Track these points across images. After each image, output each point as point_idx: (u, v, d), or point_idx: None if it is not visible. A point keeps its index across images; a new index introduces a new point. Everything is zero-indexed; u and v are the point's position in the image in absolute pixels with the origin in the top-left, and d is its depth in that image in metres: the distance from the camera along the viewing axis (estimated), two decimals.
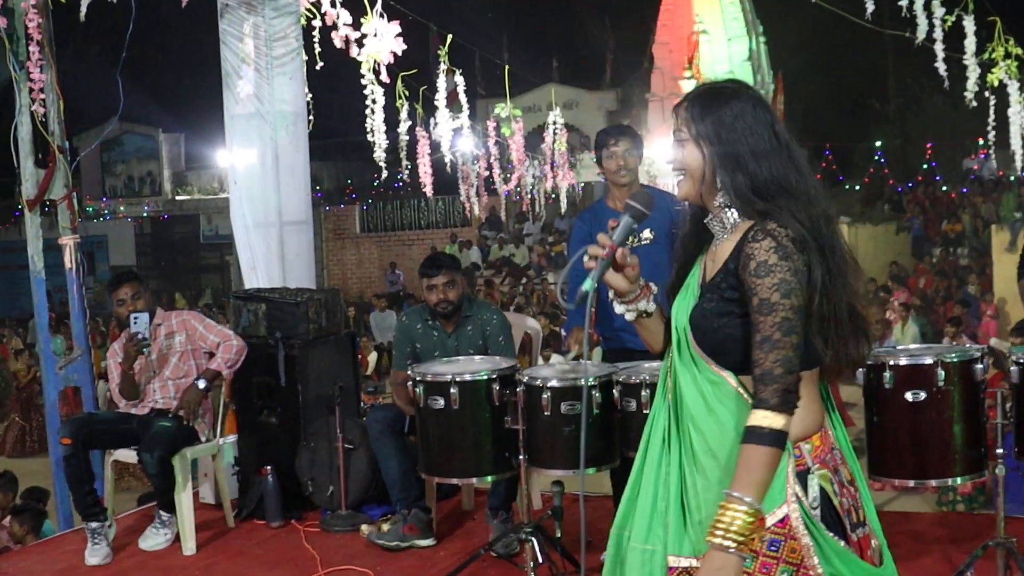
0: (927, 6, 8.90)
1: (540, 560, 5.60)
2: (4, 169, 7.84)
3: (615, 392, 5.49)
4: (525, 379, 5.55)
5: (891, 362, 4.98)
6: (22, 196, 8.01)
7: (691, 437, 3.03)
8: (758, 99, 3.08)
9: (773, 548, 2.91)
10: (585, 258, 3.08)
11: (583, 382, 3.49)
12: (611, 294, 3.22)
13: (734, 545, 2.79)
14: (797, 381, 2.89)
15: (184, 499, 6.86)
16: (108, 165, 36.05)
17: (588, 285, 3.02)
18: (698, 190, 3.10)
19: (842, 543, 2.99)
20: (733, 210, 3.05)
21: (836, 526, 3.00)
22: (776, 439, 2.85)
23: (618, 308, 3.26)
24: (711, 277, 3.08)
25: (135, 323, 6.91)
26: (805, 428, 3.00)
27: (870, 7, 8.40)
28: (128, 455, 7.11)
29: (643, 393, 5.37)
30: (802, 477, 2.96)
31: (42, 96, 7.78)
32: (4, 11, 7.46)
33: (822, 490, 2.99)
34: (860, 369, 5.11)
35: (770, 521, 2.88)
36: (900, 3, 8.42)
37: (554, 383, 5.46)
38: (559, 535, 5.71)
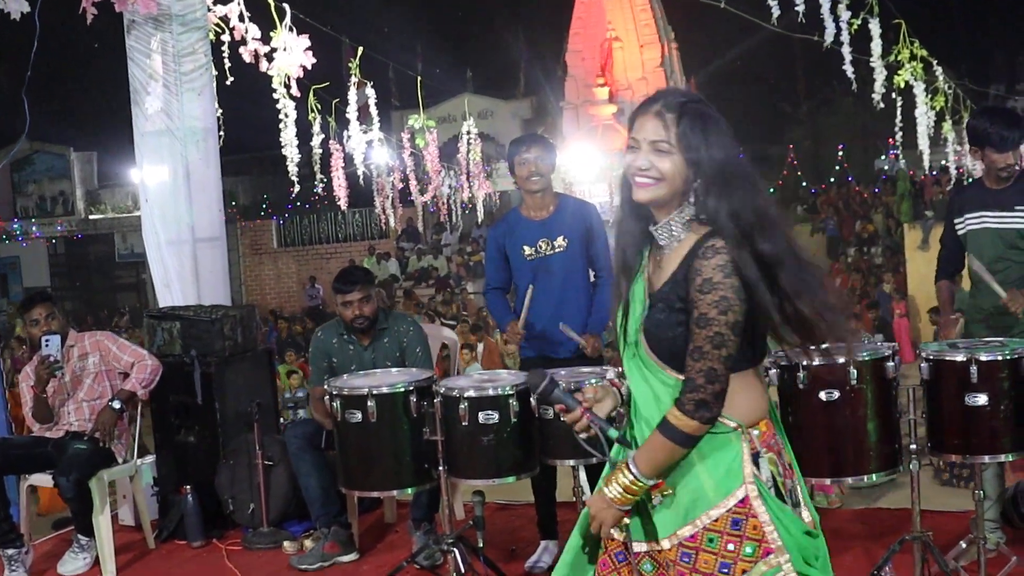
0: (833, 9, 9.03)
1: (463, 570, 5.59)
2: None
3: (532, 400, 5.50)
4: (442, 390, 5.55)
5: (804, 362, 5.04)
6: None
7: (645, 433, 3.18)
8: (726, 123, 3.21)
9: (736, 527, 3.10)
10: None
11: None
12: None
13: (615, 497, 3.13)
14: (719, 391, 3.06)
15: (102, 522, 6.76)
16: (19, 185, 35.61)
17: (613, 434, 3.21)
18: (669, 199, 3.17)
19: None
20: (681, 223, 3.17)
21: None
22: (684, 440, 3.08)
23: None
24: (659, 286, 3.18)
25: (47, 345, 6.80)
26: (753, 415, 3.18)
27: (776, 12, 8.50)
28: (44, 479, 7.00)
29: None
30: (754, 459, 3.15)
31: None
32: None
33: (771, 471, 3.19)
34: (773, 370, 5.19)
35: (731, 503, 3.10)
36: (797, 7, 8.51)
37: (471, 393, 5.46)
38: (481, 544, 5.70)
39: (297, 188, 10.16)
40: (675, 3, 24.95)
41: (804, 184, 33.30)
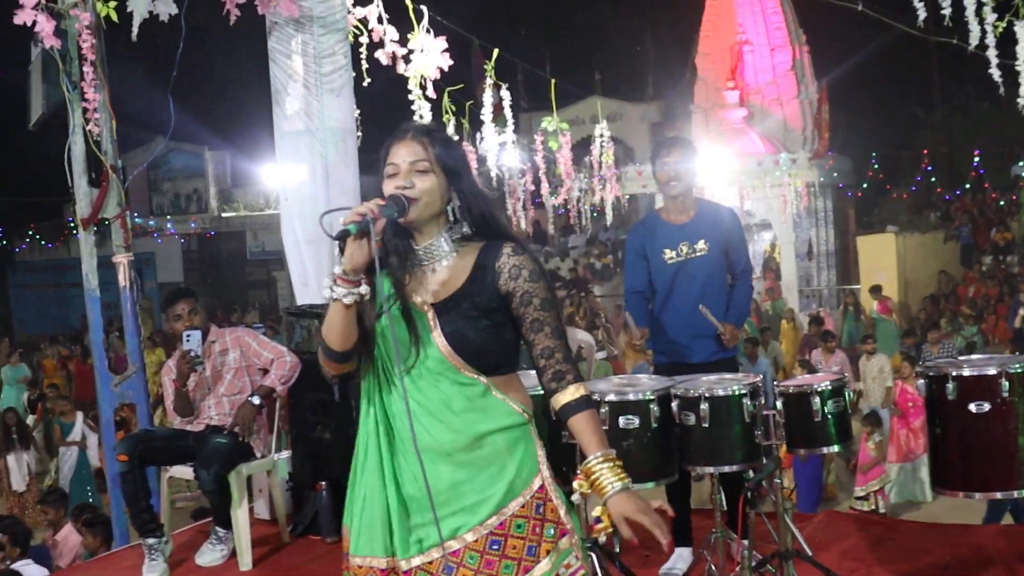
0: (978, 12, 8.82)
1: (599, 575, 5.56)
2: (56, 188, 7.89)
3: (673, 406, 5.46)
4: None
5: (954, 373, 4.92)
6: (76, 215, 8.05)
7: (428, 437, 3.33)
8: None
9: (539, 512, 3.38)
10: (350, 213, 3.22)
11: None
12: (337, 269, 3.25)
13: (629, 481, 3.25)
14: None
15: (240, 515, 6.85)
16: (155, 183, 36.37)
17: (352, 229, 3.16)
18: (432, 217, 3.40)
19: None
20: (449, 239, 3.41)
21: None
22: (594, 403, 3.47)
23: (337, 290, 3.24)
24: (449, 295, 3.37)
25: (187, 340, 6.91)
26: (528, 404, 3.50)
27: (922, 14, 8.33)
28: (184, 471, 7.12)
29: (702, 407, 5.34)
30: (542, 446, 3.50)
31: (96, 116, 7.82)
32: (58, 32, 7.49)
33: None
34: (921, 381, 5.09)
35: (534, 489, 3.38)
36: (944, 11, 8.33)
37: (612, 397, 5.43)
38: (618, 550, 5.67)
39: None
40: (807, 5, 24.60)
41: (938, 190, 32.67)
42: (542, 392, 3.43)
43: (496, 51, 11.19)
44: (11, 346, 24.96)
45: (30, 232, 39.44)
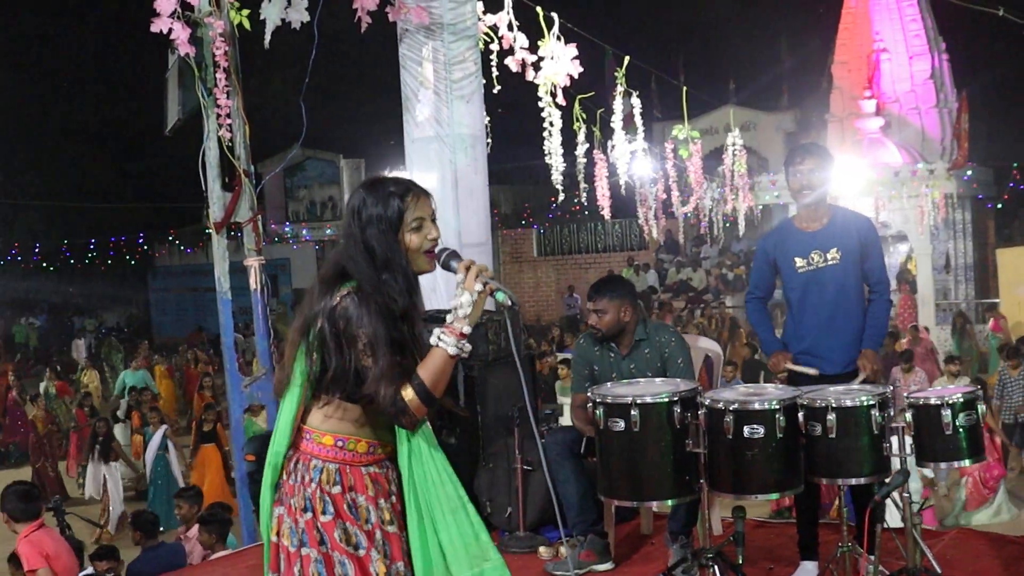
0: None
1: None
2: (195, 194, 8.05)
3: (800, 416, 5.37)
4: (707, 402, 5.46)
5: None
6: (209, 219, 8.20)
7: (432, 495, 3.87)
8: None
9: None
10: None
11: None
12: (466, 328, 3.81)
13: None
14: None
15: None
16: (291, 190, 36.92)
17: (505, 299, 3.77)
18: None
19: None
20: None
21: None
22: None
23: (466, 346, 3.84)
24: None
25: None
26: None
27: None
28: None
29: (829, 417, 5.25)
30: None
31: (229, 122, 7.96)
32: (193, 40, 7.66)
33: None
34: None
35: None
36: None
37: (737, 406, 5.35)
38: (741, 561, 5.59)
39: (560, 197, 10.21)
40: (947, 11, 24.06)
41: None
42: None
43: (627, 59, 11.15)
44: (150, 349, 25.57)
45: (170, 237, 40.32)
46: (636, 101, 12.42)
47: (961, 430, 5.33)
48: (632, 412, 5.44)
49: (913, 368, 16.37)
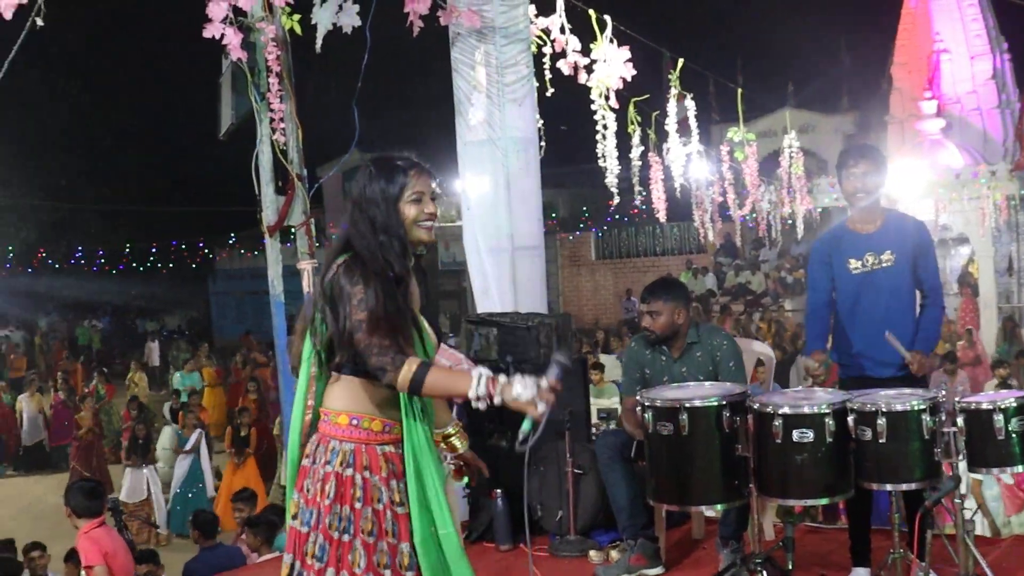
0: None
1: None
2: (253, 198, 8.10)
3: (849, 420, 5.32)
4: (756, 406, 5.43)
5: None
6: (263, 222, 8.25)
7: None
8: None
9: None
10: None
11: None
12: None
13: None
14: None
15: None
16: (350, 193, 37.03)
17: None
18: None
19: None
20: None
21: None
22: None
23: (475, 392, 3.97)
24: None
25: None
26: None
27: None
28: None
29: (879, 422, 5.21)
30: None
31: (282, 126, 7.99)
32: (245, 45, 7.70)
33: None
34: None
35: None
36: None
37: (786, 410, 5.32)
38: (791, 567, 5.56)
39: (616, 200, 10.18)
40: (1009, 11, 23.75)
41: None
42: None
43: (681, 61, 11.11)
44: (211, 351, 25.78)
45: (230, 241, 40.65)
46: (691, 104, 12.38)
47: (1014, 435, 5.27)
48: (681, 416, 5.43)
49: (956, 371, 16.21)
